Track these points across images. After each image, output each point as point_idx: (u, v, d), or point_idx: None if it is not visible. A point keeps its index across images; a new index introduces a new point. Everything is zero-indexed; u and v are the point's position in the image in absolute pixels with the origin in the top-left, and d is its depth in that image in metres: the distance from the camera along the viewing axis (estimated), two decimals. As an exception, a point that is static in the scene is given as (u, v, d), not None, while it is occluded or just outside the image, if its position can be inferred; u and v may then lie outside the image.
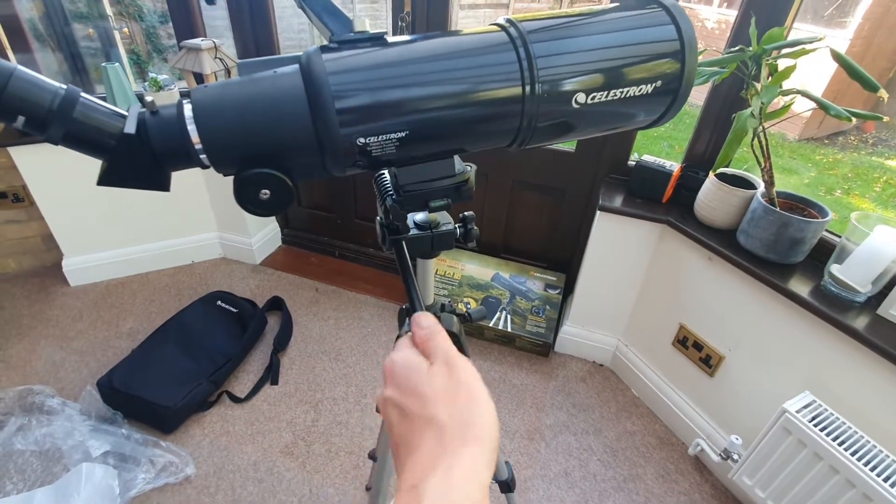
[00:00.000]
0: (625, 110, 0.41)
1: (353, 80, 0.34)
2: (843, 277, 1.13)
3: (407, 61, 0.36)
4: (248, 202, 0.35)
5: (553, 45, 0.37)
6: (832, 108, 0.98)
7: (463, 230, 0.55)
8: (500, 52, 0.37)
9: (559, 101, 0.38)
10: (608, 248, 1.60)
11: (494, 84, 0.37)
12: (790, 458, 1.14)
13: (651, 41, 0.39)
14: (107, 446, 1.39)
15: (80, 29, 2.81)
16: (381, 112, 0.35)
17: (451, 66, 0.37)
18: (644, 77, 0.39)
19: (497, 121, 0.39)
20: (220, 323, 1.78)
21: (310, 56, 0.34)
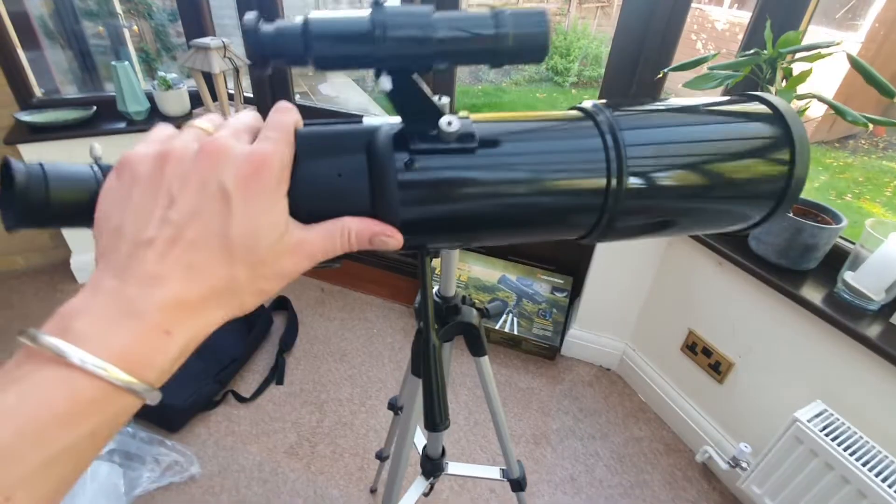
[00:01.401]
0: (715, 219, 0.36)
1: (426, 211, 0.29)
2: (856, 285, 1.12)
3: (492, 187, 0.30)
4: None
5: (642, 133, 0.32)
6: (849, 114, 0.96)
7: None
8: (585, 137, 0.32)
9: (640, 213, 0.33)
10: (616, 252, 1.58)
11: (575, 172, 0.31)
12: (801, 467, 1.12)
13: (756, 149, 0.33)
14: (112, 444, 1.39)
15: (89, 27, 2.83)
16: (448, 237, 0.32)
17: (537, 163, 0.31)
18: (744, 190, 0.34)
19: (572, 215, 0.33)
20: (226, 322, 1.77)
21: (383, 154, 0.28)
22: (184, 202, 0.24)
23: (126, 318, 0.22)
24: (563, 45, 5.70)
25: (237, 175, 0.24)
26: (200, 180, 0.24)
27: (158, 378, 0.23)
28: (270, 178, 0.25)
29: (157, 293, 0.23)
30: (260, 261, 0.25)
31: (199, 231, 0.24)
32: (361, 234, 0.27)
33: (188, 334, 0.23)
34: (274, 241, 0.25)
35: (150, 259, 0.23)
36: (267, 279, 0.26)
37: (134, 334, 0.22)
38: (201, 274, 0.24)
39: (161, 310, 0.22)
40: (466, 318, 0.73)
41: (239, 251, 0.24)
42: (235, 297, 0.25)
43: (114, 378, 0.21)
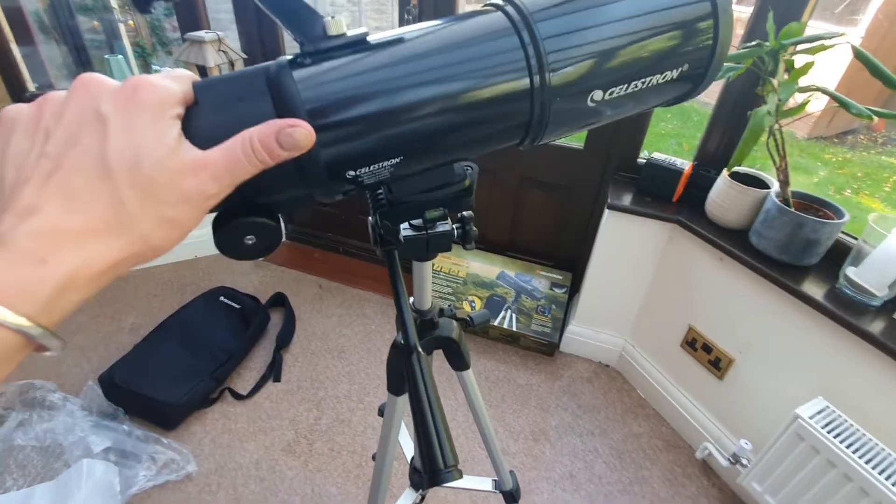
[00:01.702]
0: (646, 98, 0.35)
1: (333, 107, 0.28)
2: (859, 280, 1.11)
3: (394, 80, 0.29)
4: (232, 252, 0.31)
5: (560, 22, 0.31)
6: (853, 107, 0.95)
7: (461, 231, 0.50)
8: (499, 36, 0.30)
9: (572, 95, 0.32)
10: (616, 247, 1.57)
11: (495, 81, 0.30)
12: (802, 464, 1.11)
13: (675, 11, 0.32)
14: (108, 442, 1.38)
15: (84, 21, 2.79)
16: (370, 140, 0.30)
17: (446, 62, 0.30)
18: (669, 64, 0.33)
19: (502, 120, 0.32)
20: (223, 319, 1.76)
21: (277, 77, 0.28)
22: (60, 134, 0.23)
23: None
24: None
25: (114, 98, 0.23)
26: (77, 110, 0.23)
27: (42, 312, 0.21)
28: (150, 97, 0.24)
29: (31, 222, 0.21)
30: (149, 180, 0.23)
31: (76, 158, 0.22)
32: (264, 135, 0.25)
33: (70, 264, 0.21)
34: (161, 157, 0.23)
35: (26, 193, 0.22)
36: (169, 204, 0.24)
37: (2, 262, 0.20)
38: (82, 200, 0.22)
39: (33, 237, 0.21)
40: (445, 331, 0.67)
41: (119, 171, 0.22)
42: (130, 225, 0.23)
43: None
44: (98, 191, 0.22)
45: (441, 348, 0.70)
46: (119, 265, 0.23)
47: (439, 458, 0.34)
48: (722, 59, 0.34)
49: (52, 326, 0.22)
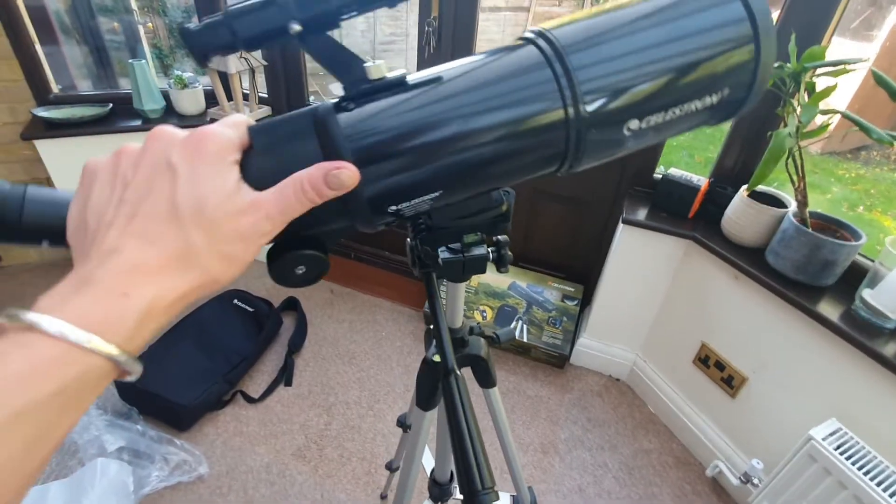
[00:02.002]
0: (684, 125, 0.34)
1: (375, 148, 0.30)
2: (874, 303, 1.11)
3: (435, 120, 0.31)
4: (285, 281, 0.33)
5: (593, 53, 0.31)
6: (874, 132, 0.95)
7: (496, 254, 0.51)
8: (532, 69, 0.31)
9: (608, 123, 0.32)
10: (630, 262, 1.57)
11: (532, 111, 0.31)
12: (813, 485, 1.11)
13: (716, 33, 0.31)
14: (122, 442, 1.40)
15: (105, 23, 2.84)
16: (411, 178, 0.31)
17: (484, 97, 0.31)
18: (710, 85, 0.32)
19: (539, 150, 0.33)
20: (236, 322, 1.78)
21: (323, 121, 0.30)
22: (137, 182, 0.26)
23: (83, 286, 0.23)
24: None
25: (182, 149, 0.26)
26: (150, 160, 0.26)
27: (125, 341, 0.23)
28: (212, 147, 0.27)
29: (113, 261, 0.24)
30: (212, 222, 0.26)
31: (151, 204, 0.25)
32: (313, 178, 0.28)
33: (148, 296, 0.24)
34: (221, 201, 0.26)
35: (109, 236, 0.25)
36: (227, 241, 0.26)
37: (89, 298, 0.23)
38: (155, 240, 0.25)
39: (116, 275, 0.24)
40: (474, 349, 0.69)
41: (187, 214, 0.25)
42: (196, 260, 0.26)
43: (69, 335, 0.21)
44: (169, 232, 0.25)
45: (469, 366, 0.71)
46: (188, 296, 0.26)
47: (477, 479, 0.34)
48: (764, 83, 0.33)
49: (135, 354, 0.24)
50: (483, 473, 0.34)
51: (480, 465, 0.34)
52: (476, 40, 1.71)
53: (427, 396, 0.73)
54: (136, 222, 0.25)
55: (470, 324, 0.70)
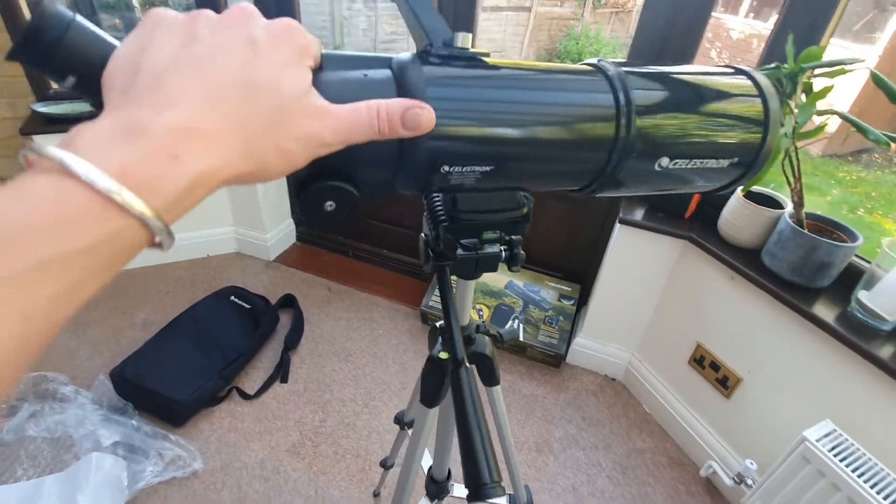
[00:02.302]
0: (697, 179, 0.40)
1: (453, 104, 0.31)
2: (870, 305, 1.10)
3: (509, 91, 0.33)
4: (312, 214, 0.32)
5: (649, 94, 0.36)
6: (871, 133, 0.95)
7: (509, 253, 0.51)
8: (598, 91, 0.36)
9: (645, 155, 0.37)
10: (626, 262, 1.57)
11: (591, 121, 0.35)
12: (807, 487, 1.11)
13: (739, 114, 0.38)
14: (117, 437, 1.40)
15: (106, 19, 2.84)
16: (475, 146, 0.33)
17: (552, 98, 0.35)
18: (726, 153, 0.39)
19: (582, 162, 0.37)
20: (233, 318, 1.78)
21: (405, 66, 0.31)
22: (213, 41, 0.23)
23: (130, 135, 0.20)
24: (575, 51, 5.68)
25: (267, 29, 0.25)
26: (232, 27, 0.24)
27: (165, 209, 0.21)
28: (299, 40, 0.25)
29: (169, 114, 0.21)
30: (281, 110, 0.24)
31: (225, 66, 0.23)
32: (392, 108, 0.27)
33: (198, 166, 0.22)
34: (297, 94, 0.25)
35: (170, 83, 0.22)
36: (289, 136, 0.25)
37: (136, 151, 0.20)
38: (220, 106, 0.22)
39: (171, 132, 0.21)
40: (480, 347, 0.69)
41: (261, 91, 0.23)
42: (255, 144, 0.24)
43: (108, 188, 0.19)
44: (237, 102, 0.23)
45: (475, 364, 0.71)
46: (237, 178, 0.24)
47: (485, 472, 0.33)
48: (767, 157, 0.40)
49: (171, 224, 0.22)
50: (491, 466, 0.34)
51: (489, 457, 0.34)
52: (476, 40, 1.71)
53: (432, 393, 0.73)
54: (203, 80, 0.22)
55: (476, 322, 0.70)
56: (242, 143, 0.23)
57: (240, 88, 0.23)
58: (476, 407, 0.36)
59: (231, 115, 0.23)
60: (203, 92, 0.22)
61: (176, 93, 0.22)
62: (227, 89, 0.23)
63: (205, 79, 0.23)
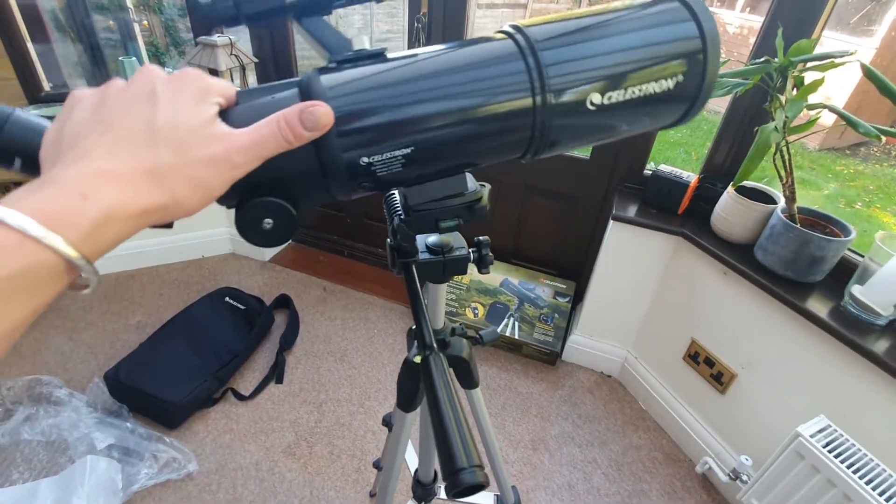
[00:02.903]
0: (644, 111, 0.38)
1: (353, 100, 0.32)
2: (864, 299, 1.10)
3: (407, 78, 0.34)
4: (250, 232, 0.33)
5: (564, 52, 0.35)
6: (861, 126, 0.94)
7: (477, 255, 0.52)
8: (508, 62, 0.34)
9: (572, 108, 0.35)
10: (620, 259, 1.57)
11: (502, 97, 0.34)
12: (802, 482, 1.10)
13: (670, 40, 0.36)
14: (111, 439, 1.40)
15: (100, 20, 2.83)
16: (383, 131, 0.33)
17: (455, 80, 0.34)
18: (664, 73, 0.36)
19: (506, 134, 0.36)
20: (228, 320, 1.78)
21: (309, 79, 0.33)
22: (119, 104, 0.27)
23: (44, 185, 0.23)
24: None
25: (167, 81, 0.28)
26: (136, 89, 0.28)
27: (79, 242, 0.23)
28: (196, 82, 0.28)
29: (79, 164, 0.25)
30: (184, 143, 0.27)
31: (128, 121, 0.26)
32: (289, 114, 0.29)
33: (107, 202, 0.24)
34: (196, 126, 0.27)
35: (80, 144, 0.26)
36: (197, 165, 0.27)
37: (48, 194, 0.23)
38: (124, 151, 0.26)
39: (80, 176, 0.24)
40: (456, 350, 0.68)
41: (161, 134, 0.26)
42: (163, 178, 0.26)
43: (20, 224, 0.21)
44: (140, 146, 0.26)
45: (452, 367, 0.70)
46: (149, 213, 0.26)
47: (460, 456, 0.30)
48: (714, 78, 0.37)
49: (91, 259, 0.24)
50: (468, 451, 0.31)
51: (465, 442, 0.31)
52: (466, 37, 1.71)
53: (408, 398, 0.73)
54: (110, 134, 0.26)
55: (452, 324, 0.69)
56: (150, 178, 0.26)
57: (142, 134, 0.26)
58: (448, 391, 0.35)
59: (136, 156, 0.26)
60: (110, 142, 0.26)
61: (87, 147, 0.25)
62: (132, 136, 0.26)
63: (112, 132, 0.26)
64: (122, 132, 0.26)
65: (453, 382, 0.37)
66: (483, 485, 0.30)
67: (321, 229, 2.36)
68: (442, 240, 0.51)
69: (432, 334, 0.40)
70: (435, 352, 0.38)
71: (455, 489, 0.30)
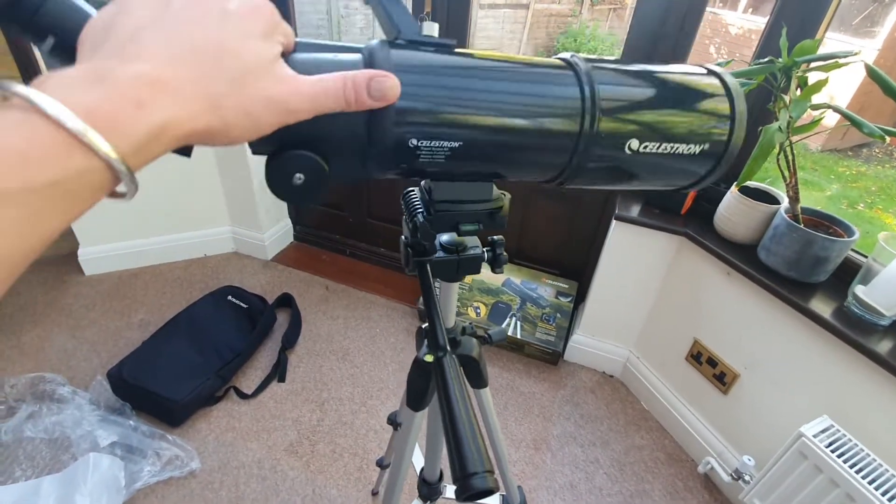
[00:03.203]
0: (668, 167, 0.40)
1: (418, 81, 0.32)
2: (867, 299, 1.10)
3: (474, 75, 0.34)
4: (279, 183, 0.32)
5: (617, 90, 0.37)
6: (865, 126, 0.94)
7: (491, 255, 0.52)
8: (567, 85, 0.36)
9: (612, 144, 0.37)
10: (623, 259, 1.57)
11: (555, 115, 0.36)
12: (805, 483, 1.10)
13: (706, 110, 0.40)
14: (114, 437, 1.40)
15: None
16: (441, 121, 0.33)
17: (517, 88, 0.36)
18: (694, 138, 0.39)
19: (548, 152, 0.38)
20: (230, 318, 1.78)
21: (374, 49, 0.32)
22: (186, 7, 0.25)
23: (97, 81, 0.21)
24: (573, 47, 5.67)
25: (240, 3, 0.26)
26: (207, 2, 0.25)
27: (129, 154, 0.21)
28: (268, 16, 0.27)
29: (136, 65, 0.22)
30: (247, 73, 0.25)
31: (196, 32, 0.24)
32: (358, 78, 0.28)
33: (162, 115, 0.22)
34: (262, 61, 0.26)
35: (139, 39, 0.23)
36: (253, 98, 0.26)
37: (102, 95, 0.21)
38: (186, 62, 0.23)
39: (137, 80, 0.22)
40: (466, 350, 0.68)
41: (228, 56, 0.25)
42: (219, 104, 0.25)
43: (75, 128, 0.19)
44: (204, 63, 0.24)
45: (461, 366, 0.70)
46: (195, 136, 0.25)
47: (473, 461, 0.30)
48: (736, 150, 0.40)
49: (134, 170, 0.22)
50: (480, 455, 0.31)
51: (478, 446, 0.32)
52: (470, 37, 1.71)
53: (418, 397, 0.73)
54: (173, 38, 0.24)
55: (462, 324, 0.69)
56: (206, 99, 0.24)
57: (207, 49, 0.24)
58: (462, 394, 0.35)
59: (197, 72, 0.24)
60: (171, 49, 0.23)
61: (144, 47, 0.23)
62: (195, 49, 0.24)
63: (174, 38, 0.24)
64: (186, 42, 0.24)
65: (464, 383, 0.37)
66: (493, 490, 0.30)
67: (324, 228, 2.36)
68: (456, 239, 0.51)
69: (445, 334, 0.40)
70: (448, 353, 0.38)
71: (466, 493, 0.30)
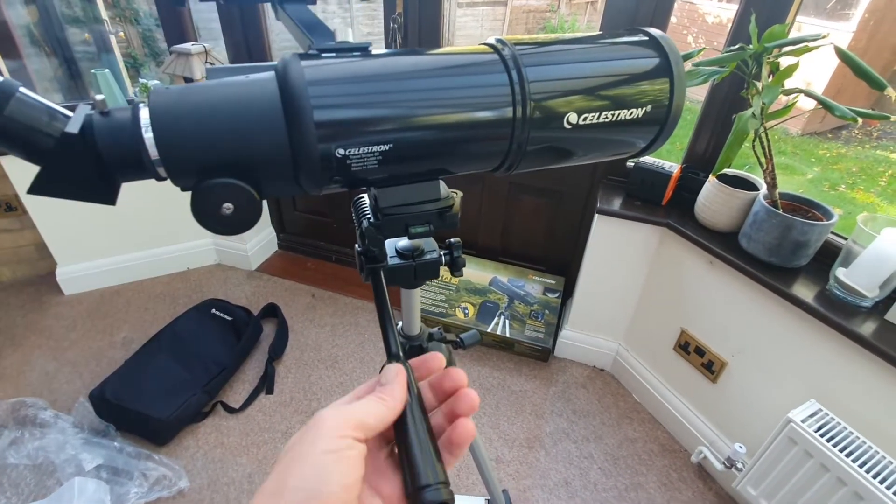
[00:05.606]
0: (615, 136, 0.39)
1: (335, 90, 0.31)
2: (849, 282, 1.10)
3: (393, 75, 0.33)
4: (207, 217, 0.31)
5: (546, 70, 0.36)
6: (837, 109, 0.94)
7: (449, 258, 0.51)
8: (492, 73, 0.35)
9: (550, 123, 0.36)
10: (607, 252, 1.56)
11: (485, 105, 0.35)
12: (796, 468, 1.10)
13: (640, 71, 0.39)
14: (99, 459, 1.37)
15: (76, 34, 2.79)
16: (364, 125, 0.32)
17: (440, 83, 0.35)
18: (635, 102, 0.38)
19: (486, 142, 0.37)
20: (215, 332, 1.75)
21: (287, 63, 0.31)
22: None
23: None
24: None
25: None
26: None
27: None
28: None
29: None
30: None
31: None
32: (395, 393, 0.31)
33: None
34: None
35: None
36: None
37: None
38: None
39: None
40: None
41: None
42: None
43: None
44: None
45: None
46: None
47: (423, 474, 0.29)
48: (680, 108, 0.40)
49: None
50: (431, 467, 0.29)
51: (431, 458, 0.30)
52: (443, 37, 1.69)
53: None
54: None
55: (429, 330, 0.68)
56: None
57: None
58: (414, 403, 0.33)
59: None
60: None
61: None
62: None
63: None
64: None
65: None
66: (448, 502, 0.29)
67: (308, 235, 2.34)
68: (413, 244, 0.50)
69: (398, 342, 0.39)
70: (401, 361, 0.36)
71: None
